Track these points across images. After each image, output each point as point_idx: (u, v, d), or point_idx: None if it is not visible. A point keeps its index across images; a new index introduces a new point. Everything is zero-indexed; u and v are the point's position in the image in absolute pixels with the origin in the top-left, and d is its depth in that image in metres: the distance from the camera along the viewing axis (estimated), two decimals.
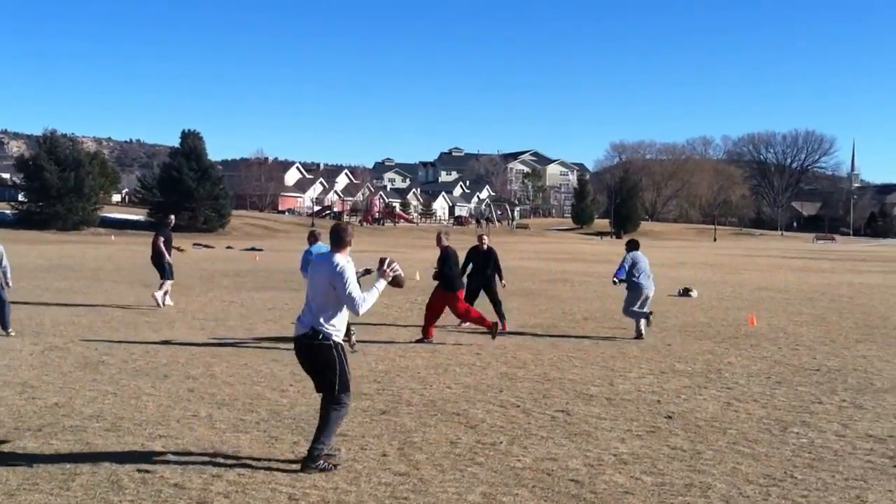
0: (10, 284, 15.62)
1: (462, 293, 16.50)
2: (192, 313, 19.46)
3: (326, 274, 7.91)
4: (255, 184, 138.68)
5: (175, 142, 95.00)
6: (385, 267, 8.20)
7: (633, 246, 18.20)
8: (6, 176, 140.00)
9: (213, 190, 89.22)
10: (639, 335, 17.08)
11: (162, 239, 21.18)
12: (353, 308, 7.88)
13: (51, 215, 78.55)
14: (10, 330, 15.25)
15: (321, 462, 7.74)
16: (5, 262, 15.54)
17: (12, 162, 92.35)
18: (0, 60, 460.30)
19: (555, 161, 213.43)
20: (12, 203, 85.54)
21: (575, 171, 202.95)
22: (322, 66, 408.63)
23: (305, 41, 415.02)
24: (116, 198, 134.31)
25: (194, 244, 61.03)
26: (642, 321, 17.23)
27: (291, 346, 14.64)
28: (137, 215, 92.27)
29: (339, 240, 8.14)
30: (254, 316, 19.23)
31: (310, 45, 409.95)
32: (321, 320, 7.92)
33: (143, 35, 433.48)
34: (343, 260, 7.98)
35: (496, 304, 18.28)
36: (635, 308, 17.26)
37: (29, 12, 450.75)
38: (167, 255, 20.93)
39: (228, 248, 61.26)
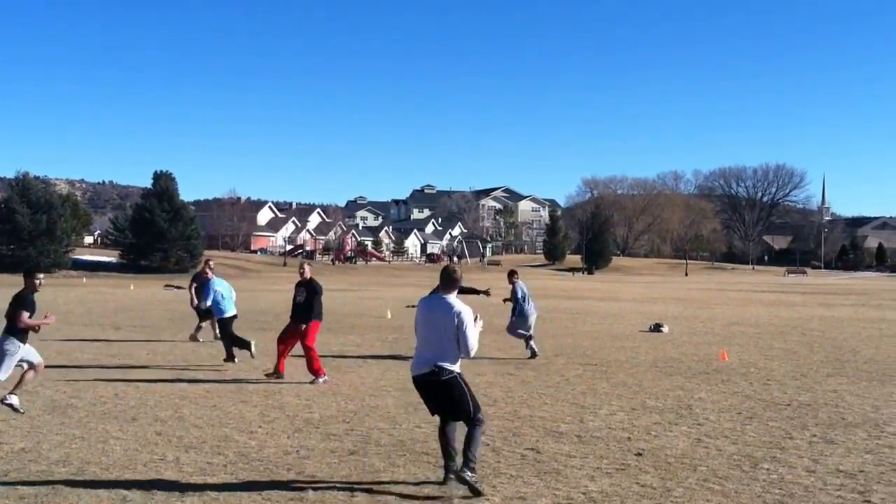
0: None
1: (314, 326, 16.00)
2: (161, 355, 19.33)
3: (447, 316, 8.48)
4: (228, 224, 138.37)
5: (147, 183, 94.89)
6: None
7: (517, 275, 20.50)
8: None
9: (186, 230, 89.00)
10: (535, 354, 19.29)
11: (195, 285, 22.49)
12: (468, 349, 8.47)
13: (22, 258, 77.43)
14: None
15: (474, 475, 8.36)
16: None
17: None
18: None
19: (527, 197, 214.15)
20: None
21: (547, 207, 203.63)
22: (294, 106, 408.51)
23: (276, 81, 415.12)
24: (89, 240, 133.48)
25: (166, 285, 60.74)
26: (532, 342, 19.46)
27: (259, 386, 14.64)
28: (109, 257, 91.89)
29: (450, 281, 8.73)
30: (220, 360, 19.06)
31: (281, 85, 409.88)
32: (443, 358, 8.47)
33: (115, 77, 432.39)
34: (460, 303, 8.60)
35: None
36: (522, 331, 19.59)
37: None
38: (194, 301, 21.94)
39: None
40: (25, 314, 11.98)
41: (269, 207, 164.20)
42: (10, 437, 10.52)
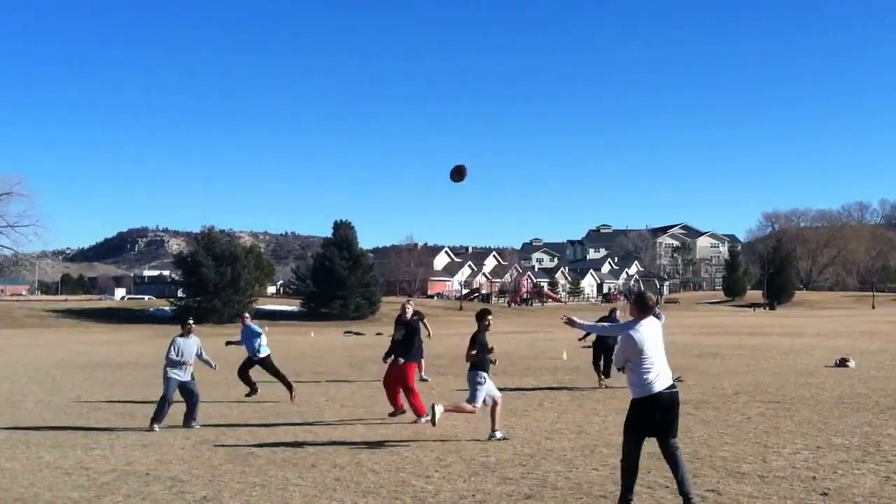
0: (215, 366, 16.87)
1: (411, 367, 16.42)
2: (340, 401, 19.66)
3: (661, 336, 9.39)
4: (405, 270, 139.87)
5: (328, 232, 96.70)
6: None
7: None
8: (166, 273, 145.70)
9: (364, 278, 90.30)
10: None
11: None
12: None
13: (208, 309, 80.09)
14: (194, 423, 15.88)
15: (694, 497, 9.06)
16: (204, 353, 16.61)
17: (172, 259, 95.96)
18: (161, 162, 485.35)
19: (705, 233, 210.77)
20: (171, 299, 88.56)
21: (726, 243, 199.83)
22: (470, 151, 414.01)
23: (451, 127, 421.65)
24: (271, 289, 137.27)
25: (345, 332, 61.85)
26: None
27: (436, 430, 14.67)
28: (291, 306, 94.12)
29: (650, 306, 9.43)
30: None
31: (457, 130, 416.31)
32: (671, 374, 9.30)
33: (297, 135, 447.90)
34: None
35: (608, 366, 21.17)
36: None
37: (184, 115, 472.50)
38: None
39: (378, 334, 61.87)
40: (472, 352, 13.91)
41: (446, 252, 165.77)
42: (193, 485, 10.85)
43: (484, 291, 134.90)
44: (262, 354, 20.44)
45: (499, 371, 26.03)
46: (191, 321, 16.76)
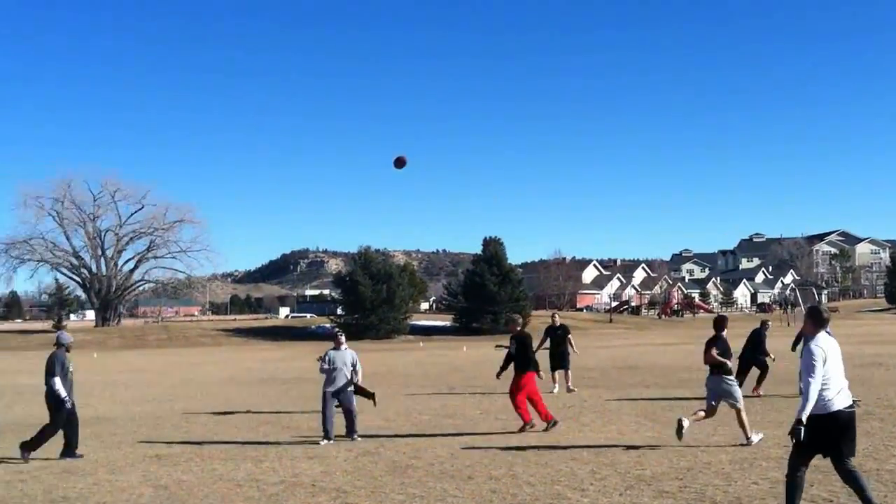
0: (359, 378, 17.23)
1: (529, 377, 16.98)
2: (494, 413, 19.81)
3: (839, 351, 9.02)
4: (554, 283, 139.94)
5: (478, 249, 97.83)
6: None
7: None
8: (326, 292, 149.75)
9: (514, 293, 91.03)
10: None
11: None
12: None
13: (365, 326, 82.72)
14: (355, 436, 16.29)
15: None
16: (358, 364, 16.97)
17: (331, 279, 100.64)
18: (320, 188, 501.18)
19: (864, 239, 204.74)
20: (331, 317, 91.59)
21: (887, 249, 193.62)
22: (615, 163, 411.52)
23: (601, 143, 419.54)
24: (424, 306, 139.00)
25: (496, 346, 61.90)
26: None
27: (590, 443, 14.69)
28: (443, 321, 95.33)
29: (823, 320, 9.15)
30: (553, 414, 19.24)
31: (605, 148, 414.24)
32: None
33: (447, 156, 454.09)
34: None
35: (762, 376, 21.50)
36: None
37: (341, 142, 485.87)
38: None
39: None
40: (714, 351, 14.71)
41: (594, 265, 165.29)
42: (356, 496, 11.12)
43: (633, 304, 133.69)
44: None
45: (651, 384, 25.85)
46: (341, 335, 17.20)
